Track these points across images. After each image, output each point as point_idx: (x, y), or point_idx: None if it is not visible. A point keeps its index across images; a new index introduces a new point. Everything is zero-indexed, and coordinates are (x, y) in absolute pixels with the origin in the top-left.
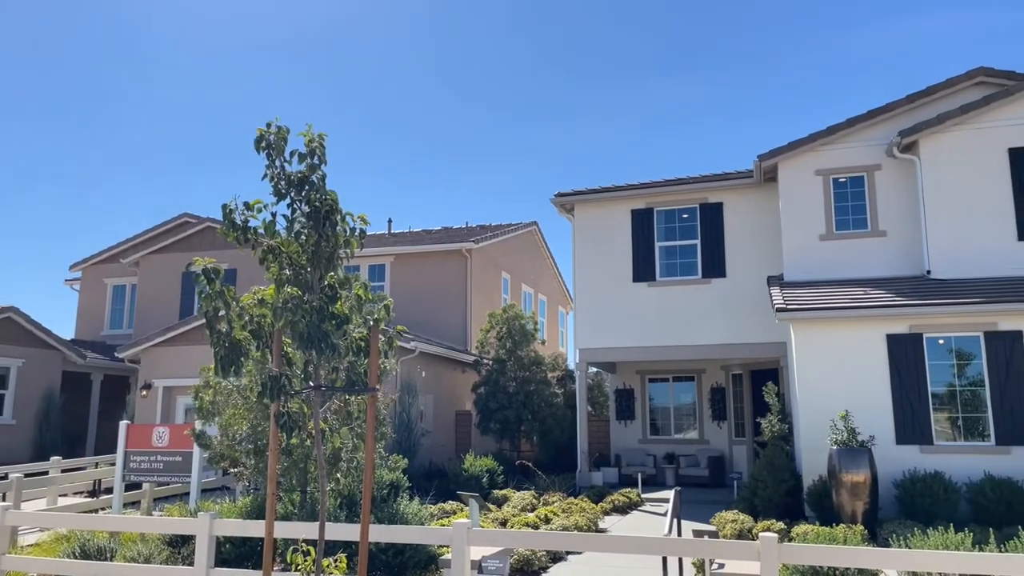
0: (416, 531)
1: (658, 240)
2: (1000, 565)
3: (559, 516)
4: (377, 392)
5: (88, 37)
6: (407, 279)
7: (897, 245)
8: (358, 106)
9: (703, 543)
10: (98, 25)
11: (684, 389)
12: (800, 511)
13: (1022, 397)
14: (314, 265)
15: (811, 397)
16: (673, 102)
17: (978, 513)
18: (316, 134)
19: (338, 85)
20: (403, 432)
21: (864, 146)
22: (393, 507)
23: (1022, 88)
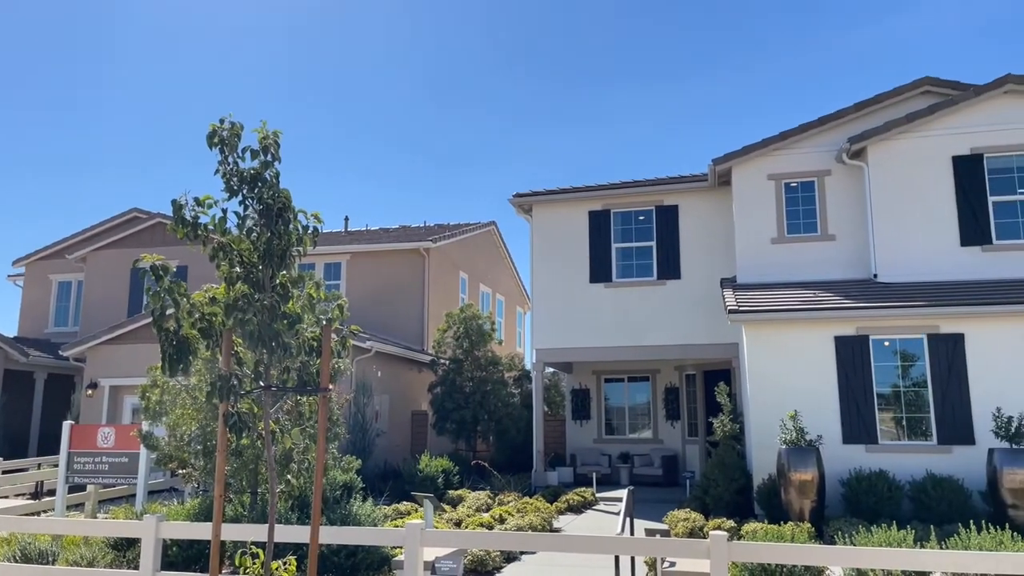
0: (368, 532)
1: (615, 242)
2: (940, 561)
3: (514, 516)
4: (329, 392)
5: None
6: (364, 278)
7: (846, 249)
8: (324, 95)
9: (654, 542)
10: (51, 9)
11: (639, 389)
12: (750, 509)
13: (963, 398)
14: (266, 263)
15: (762, 397)
16: (635, 107)
17: (920, 511)
18: (270, 131)
19: (306, 73)
20: (358, 433)
21: (815, 152)
22: (346, 508)
23: (965, 98)
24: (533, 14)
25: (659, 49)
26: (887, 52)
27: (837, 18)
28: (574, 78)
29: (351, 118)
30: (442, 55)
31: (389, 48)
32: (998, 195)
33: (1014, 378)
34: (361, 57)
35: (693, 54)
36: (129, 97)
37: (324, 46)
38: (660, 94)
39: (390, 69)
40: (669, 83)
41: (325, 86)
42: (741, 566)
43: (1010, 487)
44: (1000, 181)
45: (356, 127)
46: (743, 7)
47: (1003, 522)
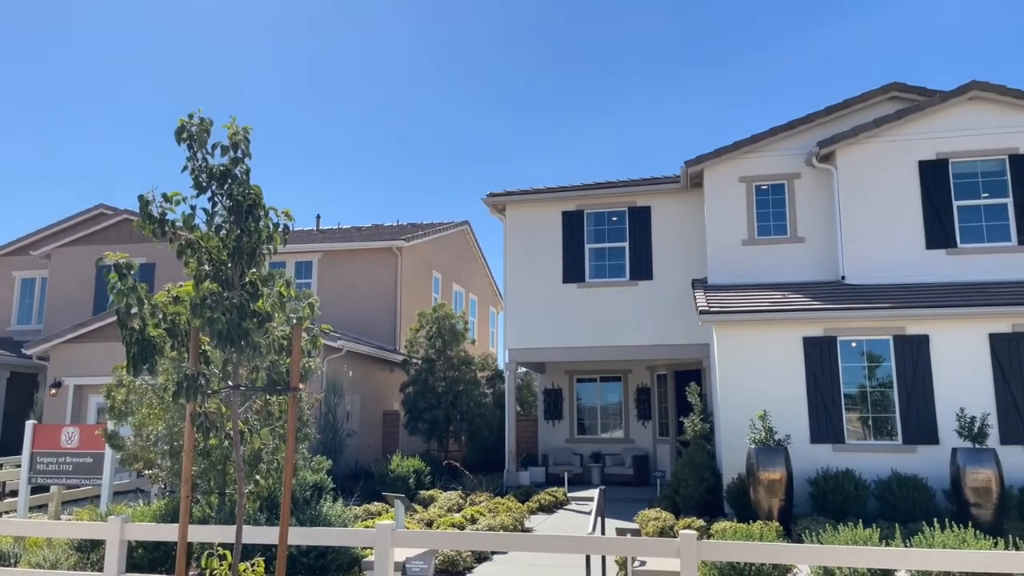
0: (338, 533)
1: (588, 242)
2: (905, 559)
3: (485, 516)
4: (299, 392)
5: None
6: (336, 277)
7: (814, 251)
8: (299, 83)
9: (625, 541)
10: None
11: (611, 389)
12: (720, 508)
13: (927, 398)
14: (235, 261)
15: (732, 397)
16: (610, 107)
17: (885, 509)
18: (240, 127)
19: (280, 66)
20: (328, 433)
21: (785, 155)
22: (316, 509)
23: (931, 104)
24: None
25: (641, 49)
26: (862, 55)
27: (816, 19)
28: (547, 66)
29: (329, 110)
30: (426, 47)
31: (369, 41)
32: (962, 199)
33: (977, 379)
34: (339, 50)
35: (674, 54)
36: (99, 91)
37: (304, 36)
38: (638, 95)
39: (372, 59)
40: (651, 82)
41: (301, 78)
42: (711, 565)
43: (973, 486)
44: (964, 186)
45: (329, 119)
46: (724, 7)
47: (966, 520)
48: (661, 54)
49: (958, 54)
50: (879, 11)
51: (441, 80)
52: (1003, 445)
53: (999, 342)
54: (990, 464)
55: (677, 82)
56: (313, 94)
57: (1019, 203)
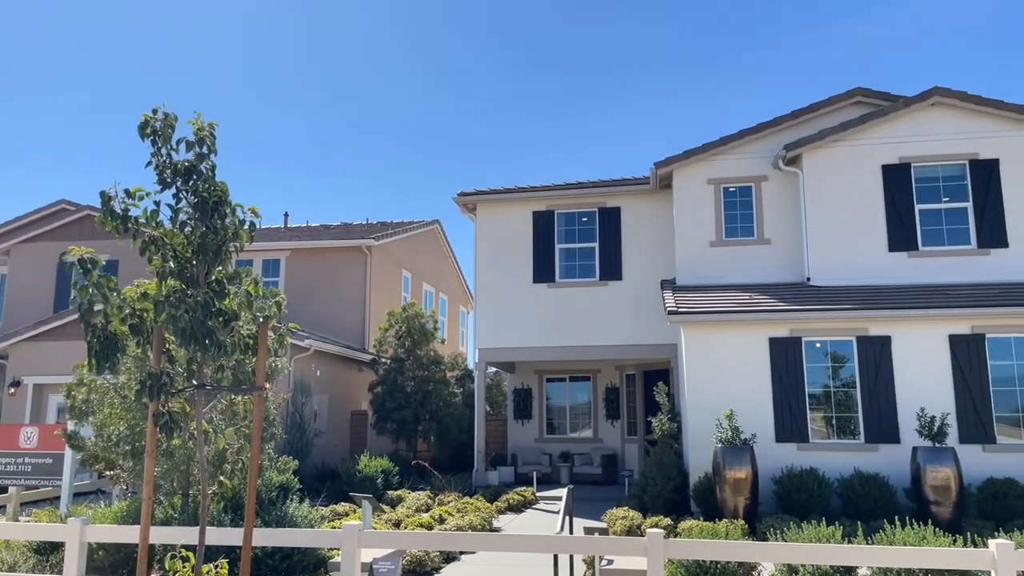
0: (304, 534)
1: (558, 242)
2: (866, 557)
3: (454, 516)
4: (265, 391)
5: None
6: (304, 275)
7: (781, 253)
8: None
9: (593, 540)
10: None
11: (580, 389)
12: (687, 507)
13: (889, 398)
14: (200, 258)
15: (699, 397)
16: (582, 94)
17: (848, 507)
18: (206, 123)
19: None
20: (295, 433)
21: (753, 158)
22: (282, 510)
23: (895, 109)
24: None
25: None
26: (835, 60)
27: (789, 22)
28: (529, 64)
29: (299, 106)
30: (401, 40)
31: (342, 34)
32: (924, 203)
33: (937, 379)
34: (311, 43)
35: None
36: (66, 81)
37: (276, 25)
38: (611, 93)
39: (346, 52)
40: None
41: (278, 73)
42: (677, 563)
43: (932, 484)
44: (926, 190)
45: (298, 115)
46: (704, 7)
47: (926, 518)
48: (645, 53)
49: (929, 60)
50: (866, 14)
51: (416, 75)
52: (962, 444)
53: (958, 343)
54: (949, 463)
55: (662, 81)
56: (283, 88)
57: (979, 207)
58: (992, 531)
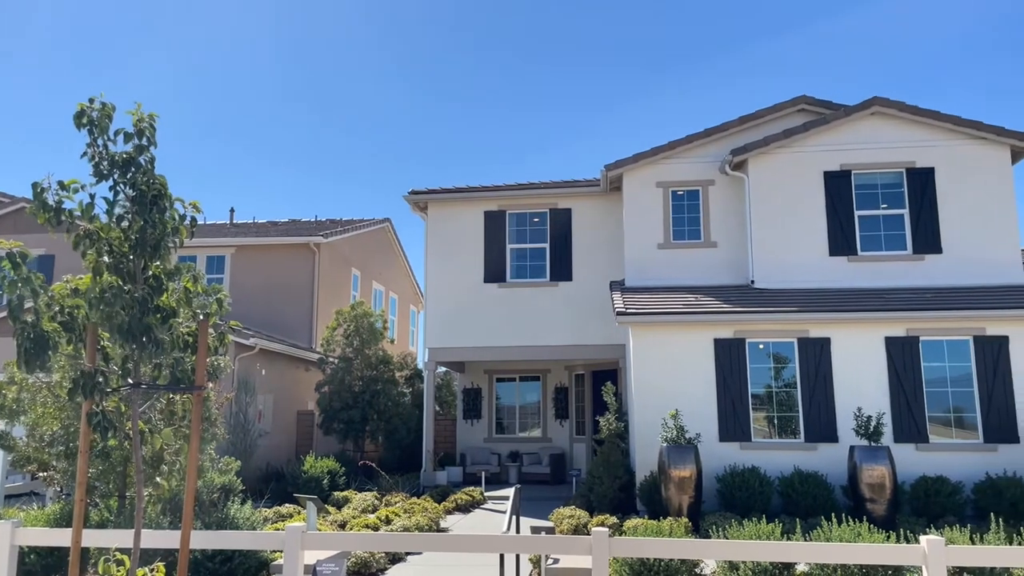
0: (245, 536)
1: (509, 242)
2: (803, 553)
3: (401, 517)
4: (203, 391)
5: None
6: (250, 272)
7: (726, 255)
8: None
9: (538, 539)
10: None
11: (530, 389)
12: (633, 506)
13: (828, 399)
14: (138, 253)
15: (646, 397)
16: (541, 93)
17: (788, 505)
18: (146, 114)
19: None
20: (239, 433)
21: (701, 162)
22: (223, 512)
23: (837, 117)
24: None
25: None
26: (785, 66)
27: (757, 27)
28: (481, 62)
29: (247, 98)
30: (359, 29)
31: (296, 20)
32: (863, 209)
33: (873, 380)
34: (262, 30)
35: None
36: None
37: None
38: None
39: (302, 41)
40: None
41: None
42: (622, 561)
43: (868, 482)
44: (866, 196)
45: (246, 107)
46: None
47: (862, 515)
48: (613, 54)
49: (875, 74)
50: (843, 17)
51: (374, 68)
52: (896, 443)
53: (894, 345)
54: (884, 461)
55: (625, 82)
56: (232, 77)
57: (915, 214)
58: (924, 527)
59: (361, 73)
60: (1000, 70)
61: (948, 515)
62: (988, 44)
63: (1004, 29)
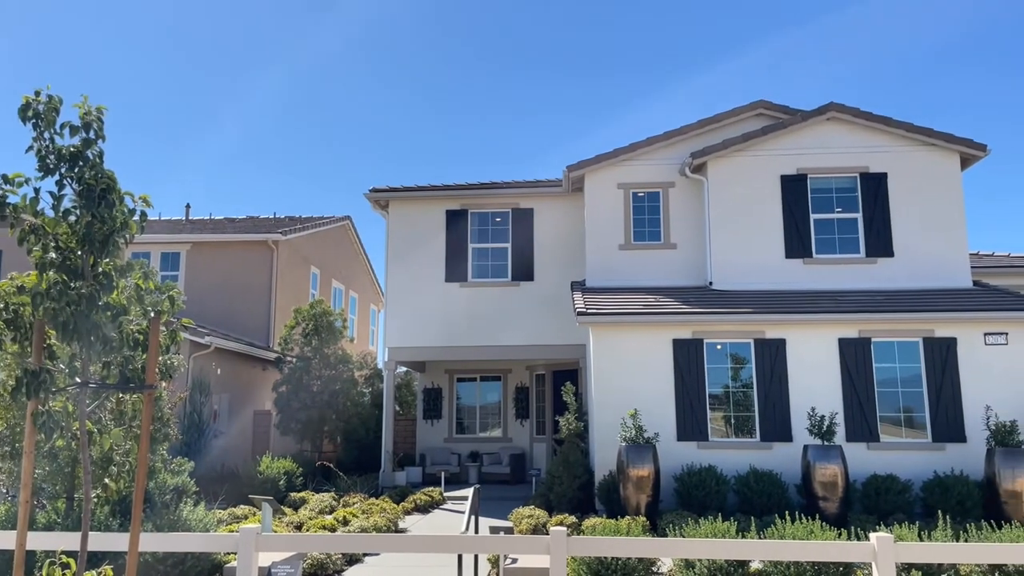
0: (197, 538)
1: (471, 242)
2: (756, 551)
3: (359, 517)
4: (154, 390)
5: None
6: (206, 270)
7: (686, 257)
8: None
9: (496, 539)
10: None
11: (491, 388)
12: (592, 505)
13: (783, 398)
14: (86, 249)
15: (605, 396)
16: (502, 98)
17: (744, 503)
18: (94, 107)
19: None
20: (193, 433)
21: (661, 164)
22: (175, 513)
23: (794, 122)
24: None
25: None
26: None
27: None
28: (442, 63)
29: (202, 91)
30: (330, 27)
31: (264, 12)
32: (819, 213)
33: (827, 380)
34: (232, 22)
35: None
36: None
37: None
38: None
39: (260, 33)
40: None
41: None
42: (580, 560)
43: (821, 480)
44: (821, 200)
45: (202, 100)
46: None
47: (814, 513)
48: (579, 58)
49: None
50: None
51: (341, 61)
52: (849, 442)
53: (847, 347)
54: (837, 460)
55: (593, 86)
56: (185, 73)
57: (868, 218)
58: (875, 525)
59: (323, 70)
60: (973, 83)
61: (898, 513)
62: (962, 54)
63: (974, 44)
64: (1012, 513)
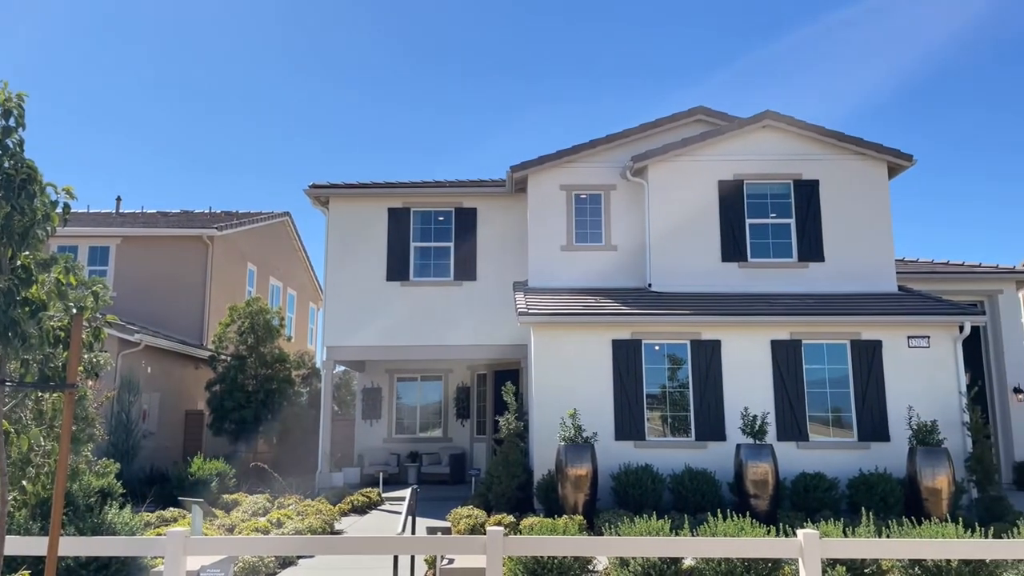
0: (122, 542)
1: (413, 240)
2: (690, 548)
3: (293, 519)
4: (75, 389)
5: None
6: (138, 265)
7: (626, 259)
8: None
9: (432, 540)
10: None
11: (432, 388)
12: (531, 504)
13: (717, 398)
14: (4, 242)
15: (546, 396)
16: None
17: (678, 501)
18: (14, 93)
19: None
20: (120, 433)
21: (603, 167)
22: (100, 516)
23: (731, 128)
24: None
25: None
26: None
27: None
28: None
29: (133, 79)
30: (271, 18)
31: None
32: (754, 218)
33: (760, 381)
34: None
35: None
36: None
37: None
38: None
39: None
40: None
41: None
42: (517, 560)
43: (753, 479)
44: (756, 205)
45: (131, 89)
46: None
47: (746, 510)
48: (525, 59)
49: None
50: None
51: (279, 51)
52: (779, 441)
53: (779, 348)
54: (768, 459)
55: (540, 87)
56: (116, 60)
57: (800, 224)
58: (803, 521)
59: (259, 63)
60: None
61: (825, 509)
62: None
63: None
64: (932, 509)
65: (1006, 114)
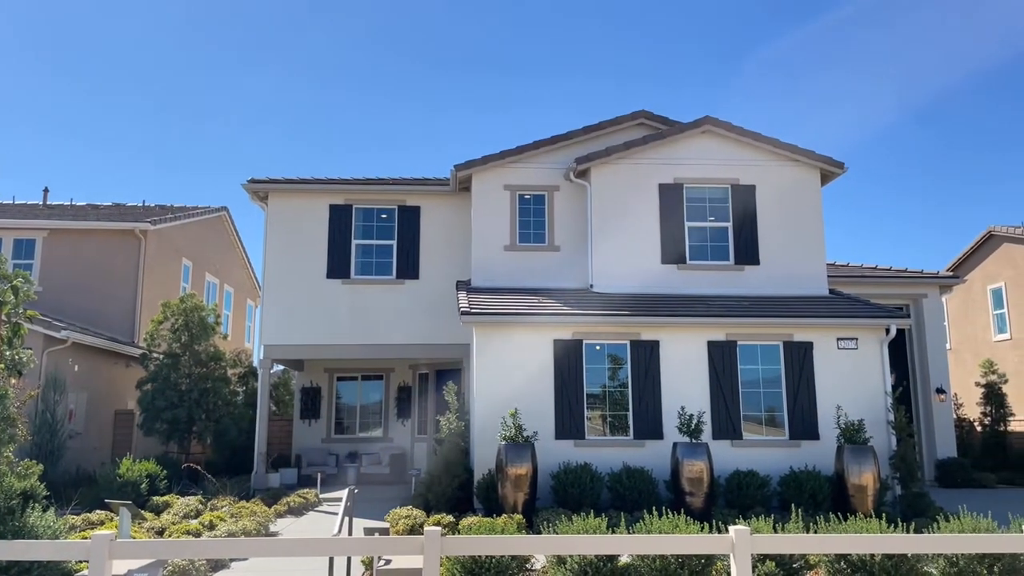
0: (44, 546)
1: (355, 238)
2: (626, 545)
3: (227, 521)
4: None
5: None
6: (66, 259)
7: (568, 260)
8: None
9: (368, 541)
10: None
11: (373, 388)
12: (471, 504)
13: (655, 398)
14: None
15: (487, 395)
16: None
17: (617, 499)
18: None
19: None
20: (45, 433)
21: (547, 168)
22: (21, 520)
23: (672, 133)
24: None
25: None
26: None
27: None
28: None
29: (62, 66)
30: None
31: None
32: (693, 221)
33: (696, 381)
34: None
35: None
36: None
37: None
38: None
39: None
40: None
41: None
42: (455, 560)
43: (688, 476)
44: (695, 209)
45: (60, 77)
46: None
47: (682, 507)
48: (488, 57)
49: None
50: None
51: (215, 52)
52: (715, 440)
53: (715, 349)
54: (703, 457)
55: (493, 86)
56: (51, 48)
57: (737, 228)
58: (736, 518)
59: (198, 58)
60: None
61: (757, 506)
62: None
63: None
64: (858, 506)
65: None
